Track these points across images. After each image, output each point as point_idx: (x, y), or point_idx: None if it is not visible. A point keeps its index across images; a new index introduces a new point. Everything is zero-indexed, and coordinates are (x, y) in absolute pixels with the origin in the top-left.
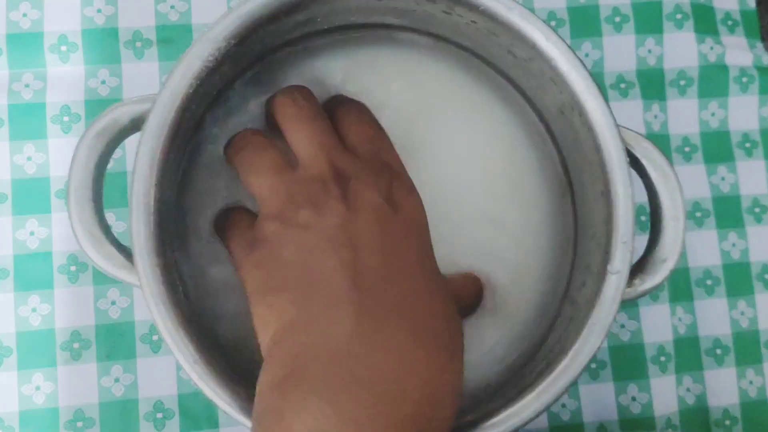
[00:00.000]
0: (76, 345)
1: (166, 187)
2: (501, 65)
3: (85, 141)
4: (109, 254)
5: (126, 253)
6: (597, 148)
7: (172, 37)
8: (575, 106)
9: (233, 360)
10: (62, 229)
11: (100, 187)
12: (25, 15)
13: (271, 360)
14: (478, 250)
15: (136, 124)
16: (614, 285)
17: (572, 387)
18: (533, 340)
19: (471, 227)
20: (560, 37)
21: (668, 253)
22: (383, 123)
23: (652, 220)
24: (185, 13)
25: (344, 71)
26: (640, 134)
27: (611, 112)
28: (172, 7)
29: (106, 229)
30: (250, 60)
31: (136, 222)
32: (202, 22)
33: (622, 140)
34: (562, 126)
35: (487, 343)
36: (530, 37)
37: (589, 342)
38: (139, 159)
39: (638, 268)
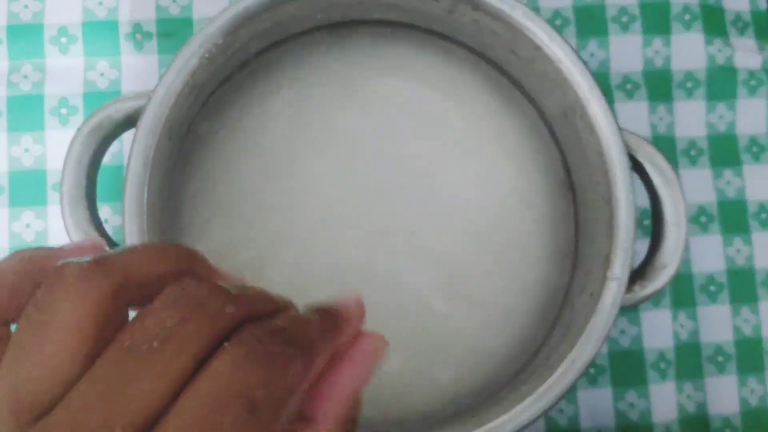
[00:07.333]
0: None
1: (159, 186)
2: (504, 65)
3: (78, 138)
4: None
5: None
6: (599, 152)
7: (172, 31)
8: (578, 109)
9: None
10: (58, 222)
11: (94, 184)
12: (26, 7)
13: None
14: (480, 256)
15: (130, 121)
16: (613, 291)
17: (570, 392)
18: (532, 345)
19: (472, 232)
20: (564, 38)
21: (669, 260)
22: (384, 114)
23: (654, 225)
24: (186, 6)
25: (343, 67)
26: (644, 138)
27: (615, 116)
28: (174, 0)
29: (99, 228)
30: (246, 57)
31: (129, 222)
32: (203, 16)
33: (625, 144)
34: (565, 128)
35: (487, 347)
36: (533, 37)
37: (587, 348)
38: (133, 157)
39: (638, 274)
